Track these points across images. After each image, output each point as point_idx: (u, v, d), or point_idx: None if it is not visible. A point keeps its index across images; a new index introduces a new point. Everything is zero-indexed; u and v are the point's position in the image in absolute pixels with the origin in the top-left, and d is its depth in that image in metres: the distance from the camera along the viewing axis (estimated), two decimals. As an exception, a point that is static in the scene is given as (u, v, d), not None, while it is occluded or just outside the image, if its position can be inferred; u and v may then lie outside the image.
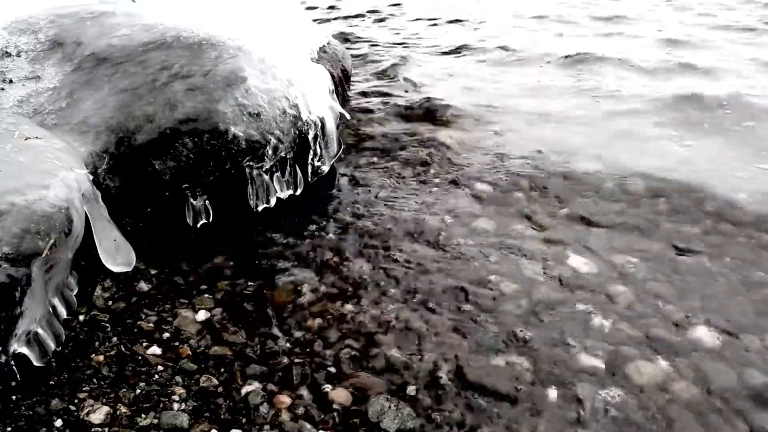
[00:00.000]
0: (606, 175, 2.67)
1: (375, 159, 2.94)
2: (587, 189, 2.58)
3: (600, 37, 5.10)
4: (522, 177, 2.70)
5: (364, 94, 3.78)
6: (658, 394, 1.60)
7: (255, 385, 1.63)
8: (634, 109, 3.41)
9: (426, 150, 2.97)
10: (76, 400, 1.52)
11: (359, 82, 4.03)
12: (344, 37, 5.23)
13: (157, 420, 1.49)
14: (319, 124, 2.47)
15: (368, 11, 6.53)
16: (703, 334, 1.78)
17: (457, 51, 4.82)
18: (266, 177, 2.27)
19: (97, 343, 1.71)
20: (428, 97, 3.57)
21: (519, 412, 1.57)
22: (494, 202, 2.54)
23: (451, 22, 5.93)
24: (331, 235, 2.33)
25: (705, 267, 2.08)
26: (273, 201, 2.34)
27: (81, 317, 1.80)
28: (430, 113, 3.41)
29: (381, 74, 4.17)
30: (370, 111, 3.48)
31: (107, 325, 1.79)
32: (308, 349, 1.78)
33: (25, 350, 1.49)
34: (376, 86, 3.92)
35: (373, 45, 5.03)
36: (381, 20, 6.17)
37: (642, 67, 4.15)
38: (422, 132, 3.18)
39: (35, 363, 1.52)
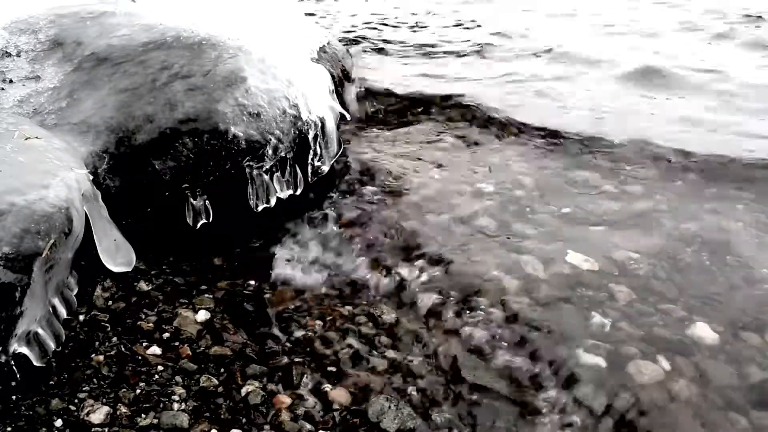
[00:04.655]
0: None
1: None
2: None
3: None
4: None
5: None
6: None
7: (255, 385, 1.63)
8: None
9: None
10: (76, 400, 1.52)
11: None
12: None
13: (157, 420, 1.49)
14: (319, 124, 2.47)
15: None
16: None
17: None
18: (266, 177, 2.27)
19: (97, 343, 1.71)
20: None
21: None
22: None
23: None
24: (330, 234, 2.33)
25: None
26: (273, 201, 2.34)
27: (81, 317, 1.80)
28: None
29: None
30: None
31: (107, 325, 1.79)
32: (308, 349, 1.78)
33: (25, 350, 1.48)
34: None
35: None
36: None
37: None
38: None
39: (35, 363, 1.52)
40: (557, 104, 3.45)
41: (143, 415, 1.50)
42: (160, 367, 1.66)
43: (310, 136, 2.42)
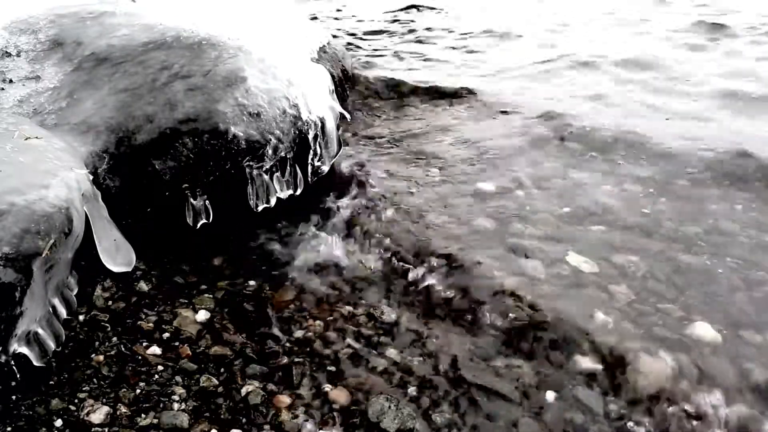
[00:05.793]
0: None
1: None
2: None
3: None
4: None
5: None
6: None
7: (255, 385, 1.63)
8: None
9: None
10: (76, 400, 1.52)
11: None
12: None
13: (157, 420, 1.49)
14: (319, 124, 2.47)
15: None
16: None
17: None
18: (266, 177, 2.27)
19: (97, 343, 1.71)
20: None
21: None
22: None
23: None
24: (330, 234, 2.33)
25: None
26: (273, 201, 2.34)
27: (81, 317, 1.80)
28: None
29: None
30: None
31: (107, 325, 1.79)
32: (308, 349, 1.78)
33: (25, 350, 1.48)
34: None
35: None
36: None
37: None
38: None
39: (35, 363, 1.52)
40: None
41: (143, 415, 1.50)
42: (160, 367, 1.66)
43: (310, 136, 2.42)
